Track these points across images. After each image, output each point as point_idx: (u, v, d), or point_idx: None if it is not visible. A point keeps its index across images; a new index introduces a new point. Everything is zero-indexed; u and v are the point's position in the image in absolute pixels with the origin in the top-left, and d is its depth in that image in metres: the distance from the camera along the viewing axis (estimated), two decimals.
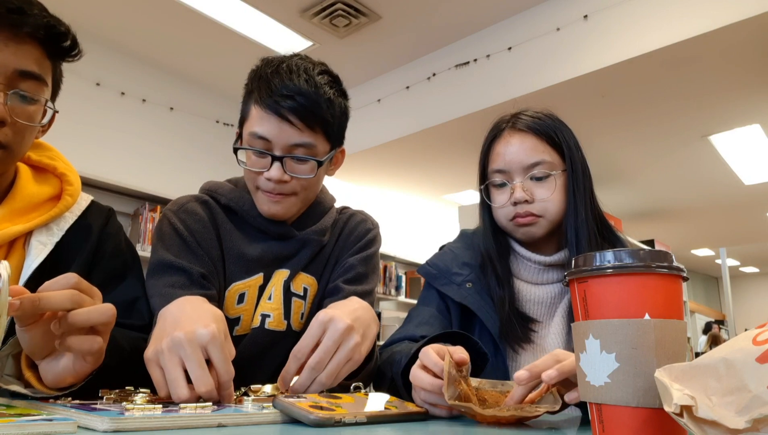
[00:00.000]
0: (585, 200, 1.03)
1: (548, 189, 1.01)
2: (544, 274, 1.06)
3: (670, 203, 6.37)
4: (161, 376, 0.64)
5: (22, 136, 0.81)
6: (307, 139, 0.92)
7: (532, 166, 1.01)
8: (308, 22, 3.78)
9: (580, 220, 1.01)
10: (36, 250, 0.85)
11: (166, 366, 0.64)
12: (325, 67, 0.99)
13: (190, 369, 0.63)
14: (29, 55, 0.79)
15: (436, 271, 1.10)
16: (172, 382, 0.63)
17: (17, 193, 0.87)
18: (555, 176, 1.02)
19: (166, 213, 0.99)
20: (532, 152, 1.02)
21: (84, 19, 3.80)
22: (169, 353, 0.64)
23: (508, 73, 3.80)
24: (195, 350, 0.64)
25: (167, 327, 0.69)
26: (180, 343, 0.64)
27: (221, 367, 0.65)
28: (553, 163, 1.02)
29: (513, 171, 1.03)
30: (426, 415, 0.68)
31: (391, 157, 4.91)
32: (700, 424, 0.37)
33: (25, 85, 0.79)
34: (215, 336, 0.66)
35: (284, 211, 0.98)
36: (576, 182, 1.02)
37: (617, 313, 0.46)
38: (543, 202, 1.01)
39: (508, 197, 1.03)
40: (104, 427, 0.47)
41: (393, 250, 5.05)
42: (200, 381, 0.63)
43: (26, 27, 0.77)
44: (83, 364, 0.64)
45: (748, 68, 3.35)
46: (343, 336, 0.74)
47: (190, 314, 0.71)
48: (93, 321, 0.61)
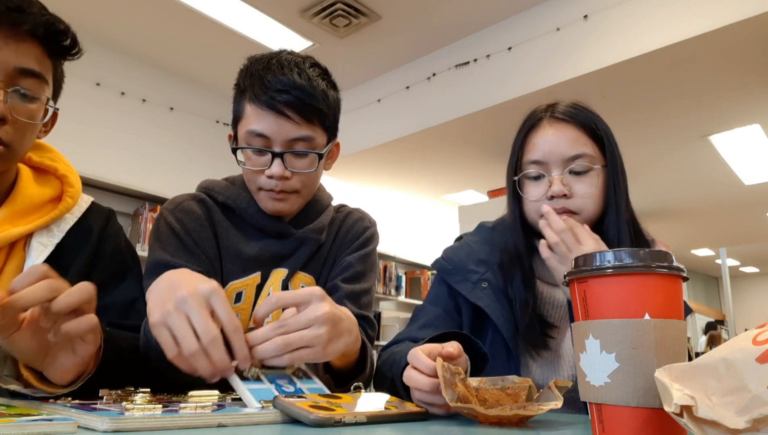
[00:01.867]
0: (625, 199, 0.97)
1: (589, 184, 0.94)
2: None
3: (670, 203, 6.37)
4: (169, 337, 0.64)
5: (23, 135, 0.81)
6: (305, 132, 0.92)
7: (573, 159, 0.95)
8: (308, 22, 3.78)
9: (621, 221, 0.95)
10: (36, 251, 0.85)
11: (174, 323, 0.63)
12: (314, 60, 0.99)
13: (194, 321, 0.63)
14: (29, 53, 0.79)
15: (450, 266, 1.04)
16: (182, 338, 0.62)
17: (18, 194, 0.87)
18: (596, 171, 0.95)
19: (163, 212, 0.99)
20: (573, 144, 0.95)
21: (84, 19, 3.80)
22: (176, 311, 0.63)
23: (508, 73, 3.80)
24: (199, 303, 0.64)
25: (164, 292, 0.67)
26: (184, 299, 0.64)
27: (225, 318, 0.65)
28: (594, 157, 0.96)
29: (551, 163, 0.96)
30: (426, 415, 0.68)
31: (391, 157, 4.91)
32: (700, 424, 0.37)
33: (26, 82, 0.79)
34: (217, 289, 0.66)
35: (289, 208, 0.98)
36: (616, 179, 0.96)
37: (617, 313, 0.46)
38: (582, 198, 0.94)
39: (544, 191, 0.96)
40: (104, 427, 0.47)
41: (393, 250, 5.04)
42: (205, 333, 0.62)
43: (25, 25, 0.78)
44: (85, 347, 0.64)
45: (748, 68, 3.35)
46: (313, 300, 0.70)
47: (186, 277, 0.70)
48: (77, 301, 0.61)
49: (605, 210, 0.97)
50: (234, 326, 0.65)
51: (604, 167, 0.97)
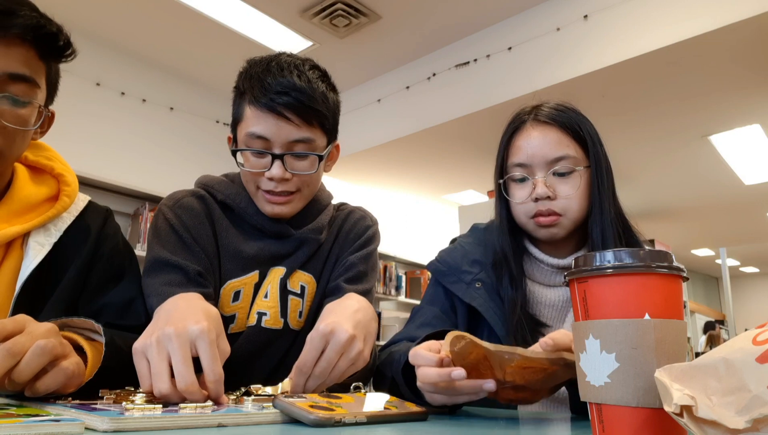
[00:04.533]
0: (609, 199, 0.99)
1: (572, 186, 0.97)
2: (557, 276, 1.01)
3: (670, 203, 6.37)
4: (146, 369, 0.63)
5: (13, 140, 0.80)
6: (305, 134, 0.92)
7: (556, 161, 0.97)
8: (308, 22, 3.78)
9: (606, 220, 0.97)
10: (34, 250, 0.85)
11: (152, 358, 0.63)
12: (314, 63, 0.99)
13: (174, 363, 0.62)
14: (19, 57, 0.77)
15: (445, 268, 1.05)
16: (155, 375, 0.62)
17: (14, 194, 0.87)
18: (579, 172, 0.97)
19: (162, 208, 0.98)
20: (556, 146, 0.97)
21: (84, 19, 3.80)
22: (157, 346, 0.63)
23: (508, 73, 3.80)
24: (182, 345, 0.63)
25: (159, 322, 0.68)
26: (169, 337, 0.63)
27: (207, 366, 0.63)
28: (578, 159, 0.98)
29: (535, 165, 0.98)
30: (426, 415, 0.68)
31: (391, 157, 4.91)
32: (700, 424, 0.37)
33: (15, 88, 0.78)
34: (205, 333, 0.65)
35: (289, 211, 0.98)
36: (600, 179, 0.98)
37: (617, 313, 0.46)
38: (566, 199, 0.96)
39: (528, 193, 0.98)
40: (104, 427, 0.47)
41: (393, 250, 5.04)
42: (181, 377, 0.61)
43: (15, 28, 0.76)
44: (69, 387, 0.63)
45: (748, 68, 3.35)
46: (345, 346, 0.73)
47: (183, 310, 0.70)
48: (37, 367, 0.59)
49: (590, 210, 0.98)
50: (214, 377, 0.63)
51: (588, 168, 0.98)
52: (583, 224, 1.00)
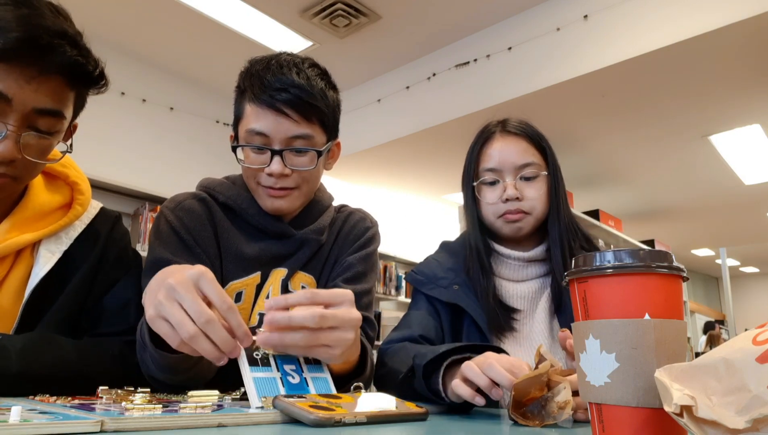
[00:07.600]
0: (564, 201, 1.13)
1: (537, 189, 1.10)
2: (524, 270, 1.13)
3: (670, 203, 6.37)
4: (168, 327, 0.63)
5: (33, 167, 0.80)
6: (304, 130, 0.93)
7: (523, 167, 1.10)
8: (308, 22, 3.78)
9: (562, 219, 1.12)
10: (44, 258, 0.85)
11: (167, 313, 0.63)
12: (314, 61, 1.00)
13: (186, 306, 0.62)
14: (51, 91, 0.76)
15: (423, 278, 1.16)
16: (178, 325, 0.62)
17: (28, 201, 0.87)
18: (542, 177, 1.11)
19: (163, 210, 0.98)
20: (524, 154, 1.11)
21: (84, 20, 3.78)
22: (168, 301, 0.63)
23: (508, 73, 3.80)
24: (188, 289, 0.63)
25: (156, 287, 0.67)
26: (172, 287, 0.63)
27: (216, 299, 0.64)
28: (541, 166, 1.12)
29: (505, 170, 1.11)
30: (426, 415, 0.68)
31: (391, 157, 4.91)
32: (700, 424, 0.37)
33: (42, 122, 0.77)
34: (203, 273, 0.65)
35: (288, 206, 0.98)
36: (557, 185, 1.13)
37: (617, 313, 0.46)
38: (532, 200, 1.10)
39: (499, 195, 1.11)
40: (104, 427, 0.47)
41: (393, 250, 5.04)
42: (197, 315, 0.61)
43: (53, 67, 0.74)
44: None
45: (748, 68, 3.35)
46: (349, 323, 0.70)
47: (173, 269, 0.70)
48: None
49: (549, 211, 1.13)
50: (227, 305, 0.64)
51: (548, 175, 1.12)
52: (542, 224, 1.13)
